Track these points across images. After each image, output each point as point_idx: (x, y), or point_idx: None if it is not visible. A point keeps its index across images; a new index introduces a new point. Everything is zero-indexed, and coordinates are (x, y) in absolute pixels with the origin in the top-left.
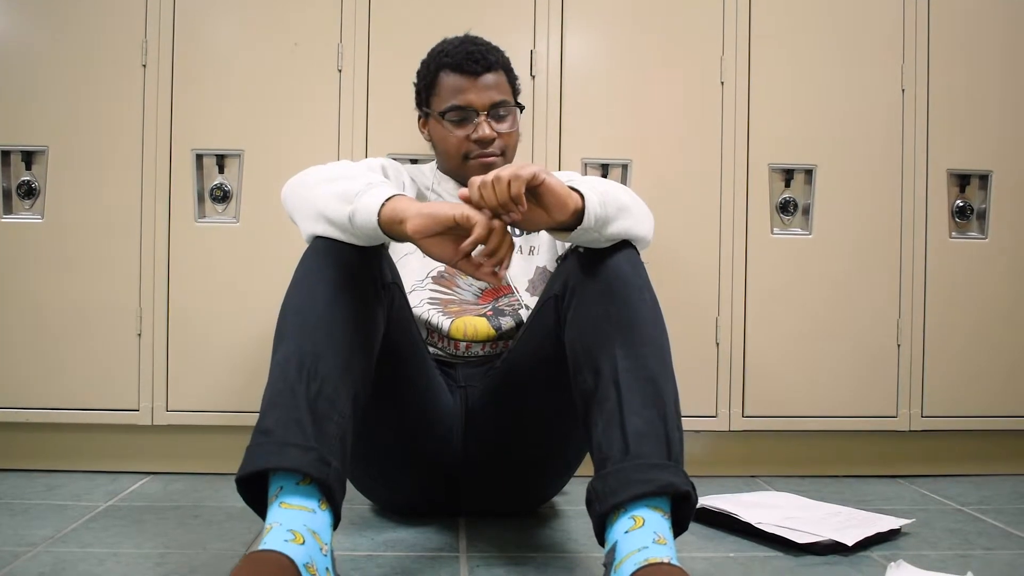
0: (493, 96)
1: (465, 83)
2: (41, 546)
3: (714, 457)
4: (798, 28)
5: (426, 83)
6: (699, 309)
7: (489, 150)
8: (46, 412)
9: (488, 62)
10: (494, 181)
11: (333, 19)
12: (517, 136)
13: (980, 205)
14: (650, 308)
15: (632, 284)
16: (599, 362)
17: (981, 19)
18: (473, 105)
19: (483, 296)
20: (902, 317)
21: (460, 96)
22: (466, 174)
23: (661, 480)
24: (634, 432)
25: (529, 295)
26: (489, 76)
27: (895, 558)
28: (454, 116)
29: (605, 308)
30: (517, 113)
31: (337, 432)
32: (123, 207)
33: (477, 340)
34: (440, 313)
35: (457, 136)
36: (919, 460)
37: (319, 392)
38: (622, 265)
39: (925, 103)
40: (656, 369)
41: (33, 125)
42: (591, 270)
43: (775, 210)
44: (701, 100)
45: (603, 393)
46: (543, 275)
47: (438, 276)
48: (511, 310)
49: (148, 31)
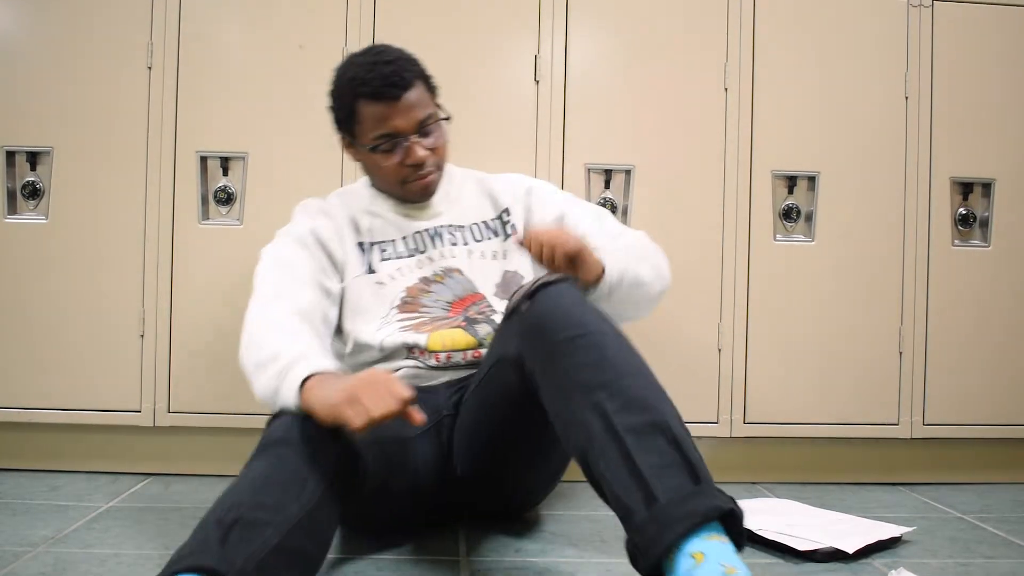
0: (418, 115)
1: (387, 110)
2: (42, 546)
3: (715, 463)
4: (802, 35)
5: (344, 112)
6: (701, 315)
7: (425, 170)
8: (48, 412)
9: (405, 80)
10: (548, 247)
11: (338, 22)
12: (446, 143)
13: (983, 213)
14: (613, 336)
15: (587, 323)
16: (586, 418)
17: (984, 28)
18: (400, 131)
19: (452, 308)
20: (904, 325)
21: (385, 124)
22: (406, 196)
23: (702, 506)
24: (650, 470)
25: (499, 299)
26: (410, 94)
27: (896, 566)
28: (384, 145)
29: (571, 360)
30: (441, 121)
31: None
32: (127, 208)
33: (457, 349)
34: (415, 332)
35: (391, 164)
36: (920, 468)
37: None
38: (571, 310)
39: (928, 111)
40: (645, 393)
41: (38, 126)
42: (542, 327)
43: (778, 217)
44: (705, 106)
45: (600, 446)
46: (514, 278)
47: (402, 304)
48: (484, 317)
49: (154, 33)
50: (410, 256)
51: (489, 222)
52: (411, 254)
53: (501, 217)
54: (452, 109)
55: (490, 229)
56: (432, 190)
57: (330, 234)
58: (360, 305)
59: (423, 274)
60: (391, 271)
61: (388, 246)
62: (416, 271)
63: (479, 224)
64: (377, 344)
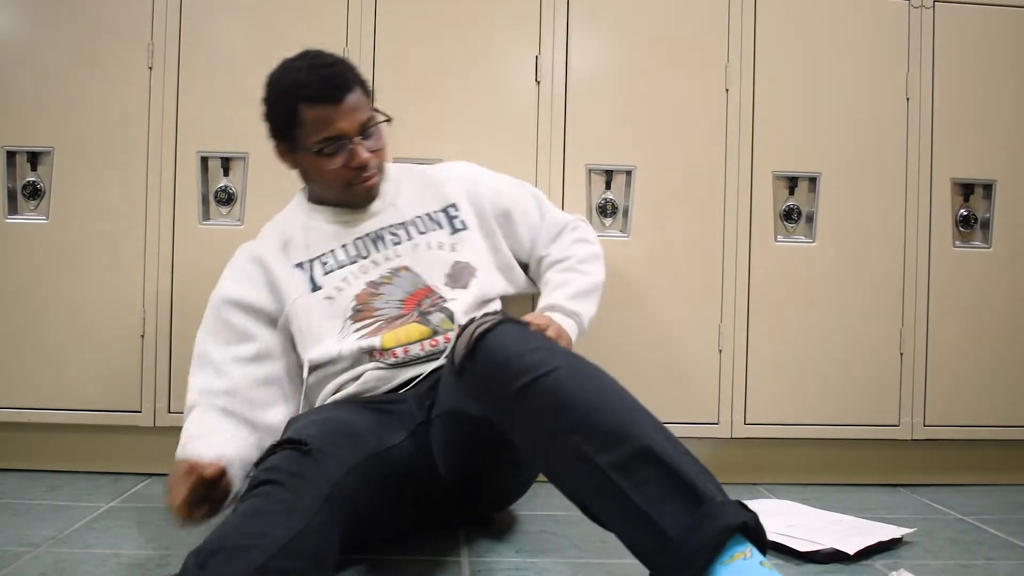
0: (360, 117)
1: (331, 112)
2: (43, 546)
3: (716, 464)
4: (803, 36)
5: (284, 118)
6: (702, 315)
7: (369, 172)
8: (49, 413)
9: (347, 82)
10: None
11: (339, 23)
12: (386, 145)
13: (984, 214)
14: (567, 368)
15: (536, 364)
16: (569, 466)
17: (986, 28)
18: (345, 133)
19: (405, 305)
20: (905, 326)
21: (330, 127)
22: (350, 200)
23: (714, 531)
24: (650, 505)
25: (450, 289)
26: (351, 97)
27: (896, 567)
28: (328, 148)
29: (532, 409)
30: (381, 124)
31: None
32: (128, 208)
33: (412, 341)
34: (372, 337)
35: (335, 166)
36: (921, 469)
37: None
38: (515, 356)
39: (930, 112)
40: (617, 420)
41: (39, 126)
42: (492, 386)
43: (779, 217)
44: (706, 107)
45: (593, 491)
46: (465, 269)
47: (355, 313)
48: (436, 307)
49: (155, 33)
50: (352, 263)
51: (432, 214)
52: (353, 260)
53: (447, 211)
54: (454, 109)
55: (434, 221)
56: (375, 192)
57: (259, 287)
58: (312, 326)
59: (370, 279)
60: (336, 283)
61: (328, 258)
62: (362, 277)
63: (422, 217)
64: (336, 353)
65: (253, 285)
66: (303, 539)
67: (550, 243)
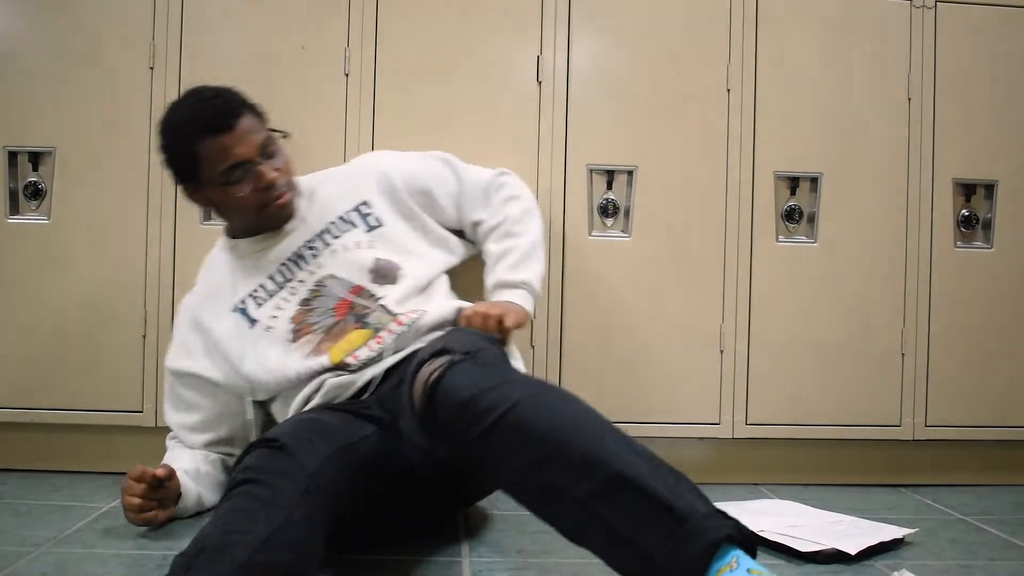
0: (256, 140)
1: (226, 140)
2: (44, 546)
3: (717, 464)
4: (804, 36)
5: (183, 159)
6: (703, 316)
7: (279, 190)
8: (50, 413)
9: (235, 110)
10: (492, 323)
11: (340, 23)
12: (290, 161)
13: (986, 215)
14: (526, 400)
15: (493, 403)
16: (548, 505)
17: (987, 29)
18: (245, 158)
19: (337, 311)
20: (906, 326)
21: (229, 155)
22: (267, 222)
23: (698, 548)
24: (633, 530)
25: (378, 286)
26: (243, 122)
27: (898, 567)
28: (234, 176)
29: (498, 451)
30: (279, 141)
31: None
32: (129, 208)
33: (357, 347)
34: (316, 356)
35: (244, 193)
36: (922, 469)
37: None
38: (469, 400)
39: (931, 112)
40: (585, 446)
41: (40, 126)
42: (453, 434)
43: (780, 218)
44: (707, 107)
45: (575, 524)
46: (388, 266)
47: (294, 335)
48: (369, 308)
49: (156, 33)
50: (281, 289)
51: (345, 215)
52: (281, 286)
53: (359, 209)
54: (455, 109)
55: (348, 222)
56: (291, 209)
57: (198, 355)
58: (258, 357)
59: (300, 298)
60: (271, 312)
61: (258, 291)
62: (292, 299)
63: (335, 222)
64: (293, 378)
65: (192, 356)
66: (286, 531)
67: (479, 206)
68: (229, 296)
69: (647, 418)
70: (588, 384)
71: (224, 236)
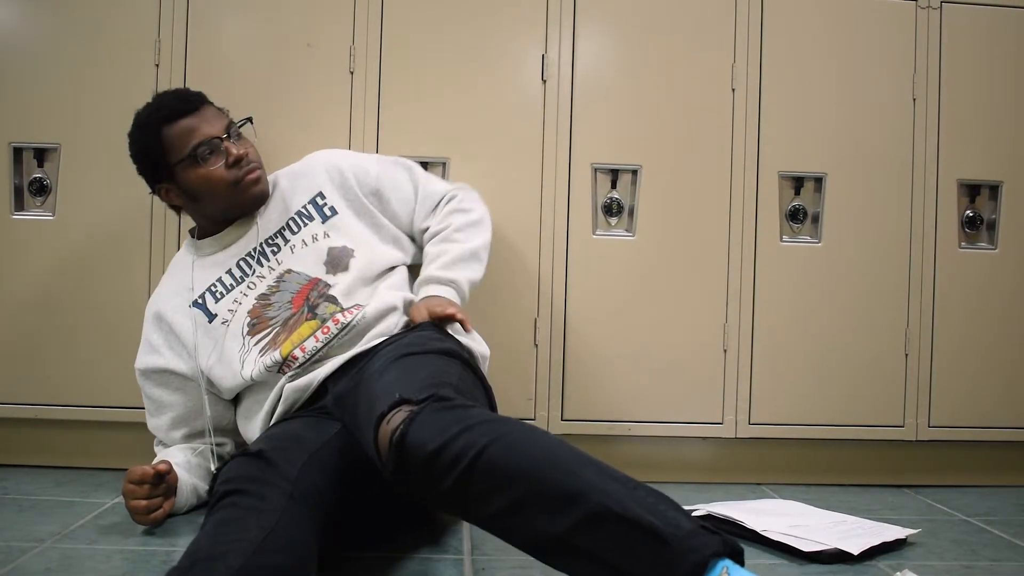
0: (220, 122)
1: (192, 121)
2: (48, 542)
3: (720, 464)
4: (809, 36)
5: (153, 151)
6: (707, 315)
7: (251, 165)
8: (54, 408)
9: (195, 96)
10: (439, 315)
11: (346, 21)
12: (254, 147)
13: (990, 215)
14: (496, 444)
15: (461, 451)
16: (532, 546)
17: (993, 30)
18: (213, 135)
19: (294, 304)
20: (910, 326)
21: (195, 134)
22: (243, 201)
23: (690, 564)
24: (621, 559)
25: (332, 275)
26: (206, 109)
27: (900, 568)
28: (204, 152)
29: (474, 498)
30: (248, 128)
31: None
32: (135, 205)
33: (305, 338)
34: (272, 350)
35: (218, 169)
36: (926, 470)
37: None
38: (438, 450)
39: (936, 113)
40: (559, 482)
41: (45, 122)
42: (426, 485)
43: (784, 218)
44: (712, 106)
45: (563, 561)
46: (342, 252)
47: (251, 328)
48: (323, 298)
49: (161, 30)
50: (239, 283)
51: (303, 209)
52: (240, 281)
53: (315, 201)
54: (460, 107)
55: (305, 216)
56: (266, 187)
57: (161, 349)
58: (217, 353)
59: (259, 292)
60: (228, 305)
61: (216, 285)
62: (251, 293)
63: (293, 217)
64: (248, 378)
65: (157, 352)
66: (278, 535)
67: (428, 216)
68: (189, 293)
69: (651, 417)
70: (591, 383)
71: (189, 238)
